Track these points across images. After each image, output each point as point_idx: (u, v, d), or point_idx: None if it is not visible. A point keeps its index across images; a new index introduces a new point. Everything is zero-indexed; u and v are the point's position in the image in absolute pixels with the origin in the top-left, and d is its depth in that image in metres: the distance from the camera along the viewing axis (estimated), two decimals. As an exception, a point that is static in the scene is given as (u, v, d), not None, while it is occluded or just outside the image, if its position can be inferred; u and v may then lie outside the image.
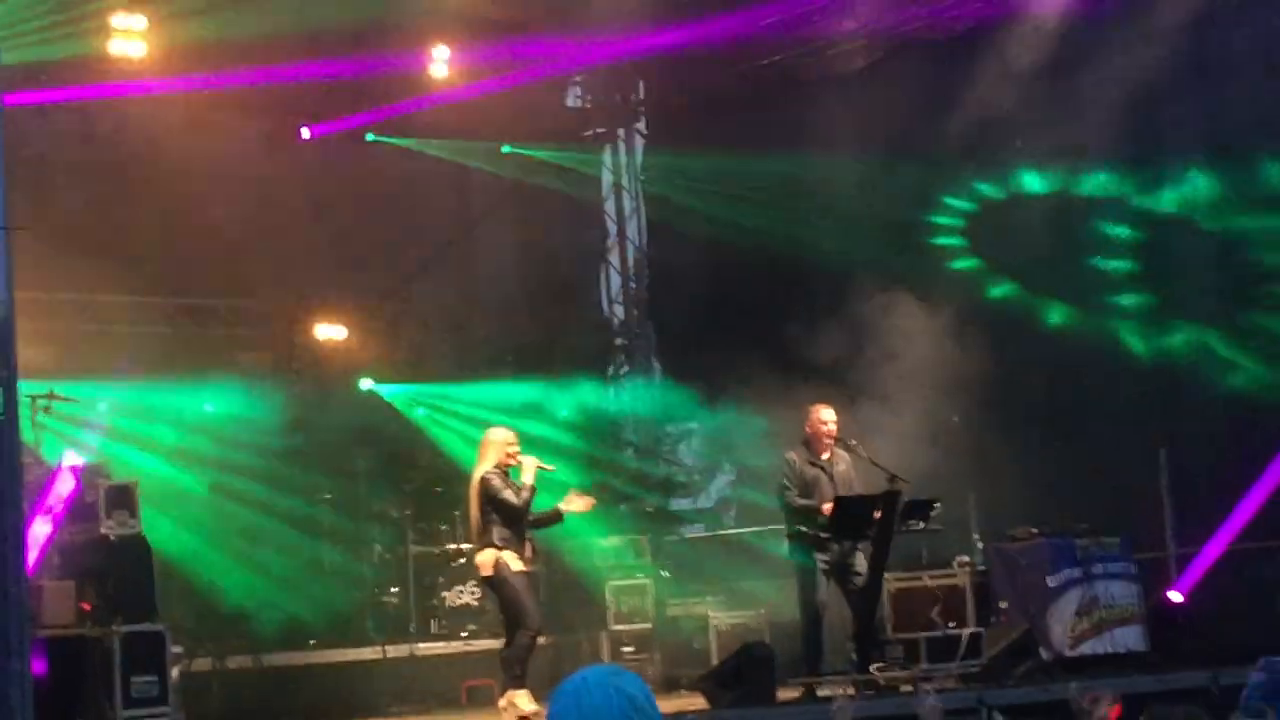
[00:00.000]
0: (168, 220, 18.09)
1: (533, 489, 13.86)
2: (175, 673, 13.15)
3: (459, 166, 20.64)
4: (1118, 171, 18.82)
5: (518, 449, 14.00)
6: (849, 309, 18.18)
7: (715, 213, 20.91)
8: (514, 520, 13.76)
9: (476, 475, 13.86)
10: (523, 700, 13.66)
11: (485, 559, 13.85)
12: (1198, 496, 17.65)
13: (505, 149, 21.22)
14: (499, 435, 14.09)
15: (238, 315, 19.32)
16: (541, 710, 13.41)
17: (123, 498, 13.25)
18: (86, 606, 12.86)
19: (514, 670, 13.86)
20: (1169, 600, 16.83)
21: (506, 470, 13.84)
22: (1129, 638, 15.69)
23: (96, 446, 15.58)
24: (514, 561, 13.72)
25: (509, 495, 13.71)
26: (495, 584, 14.03)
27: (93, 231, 17.52)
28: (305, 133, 19.55)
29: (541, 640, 14.18)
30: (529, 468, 13.89)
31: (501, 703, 13.79)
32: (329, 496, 18.22)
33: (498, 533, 13.72)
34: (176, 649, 13.48)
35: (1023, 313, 19.02)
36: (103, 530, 13.04)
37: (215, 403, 18.33)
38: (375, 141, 20.09)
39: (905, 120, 19.82)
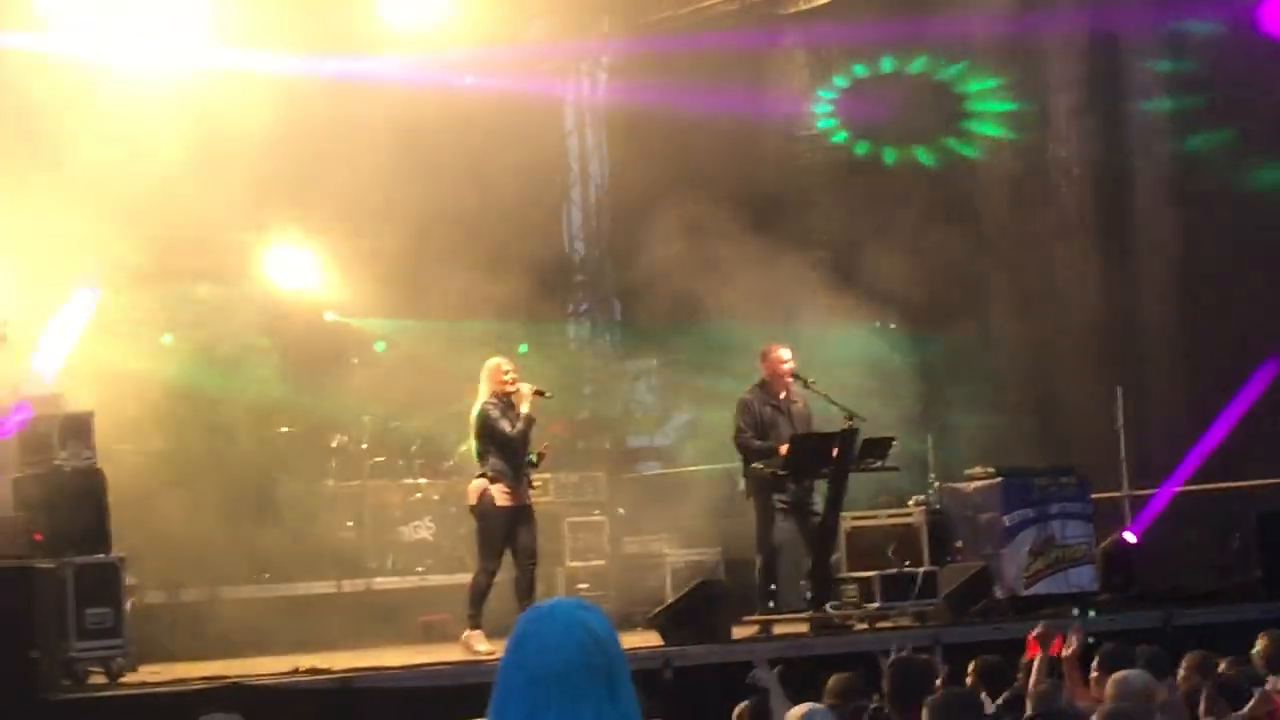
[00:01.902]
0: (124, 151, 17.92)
1: (530, 419, 13.91)
2: (129, 605, 13.10)
3: (416, 98, 20.50)
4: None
5: (514, 377, 14.04)
6: (806, 247, 18.21)
7: (677, 150, 20.84)
8: (509, 451, 13.83)
9: (476, 406, 13.94)
10: (477, 640, 13.69)
11: (473, 487, 14.01)
12: (1154, 437, 17.73)
13: (468, 80, 21.05)
14: (493, 365, 14.17)
15: (197, 243, 19.16)
16: (496, 649, 13.44)
17: (78, 429, 13.16)
18: (39, 538, 12.79)
19: (470, 609, 13.91)
20: (1123, 541, 16.92)
21: (508, 400, 13.89)
22: (1082, 578, 15.77)
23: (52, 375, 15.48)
24: (500, 495, 13.77)
25: (504, 426, 13.80)
26: (475, 514, 14.12)
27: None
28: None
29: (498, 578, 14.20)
30: (526, 396, 13.94)
31: (463, 639, 13.89)
32: (285, 429, 18.15)
33: (492, 464, 13.84)
34: (130, 581, 13.43)
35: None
36: (56, 462, 12.96)
37: (175, 335, 18.27)
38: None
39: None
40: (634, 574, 17.92)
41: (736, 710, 9.35)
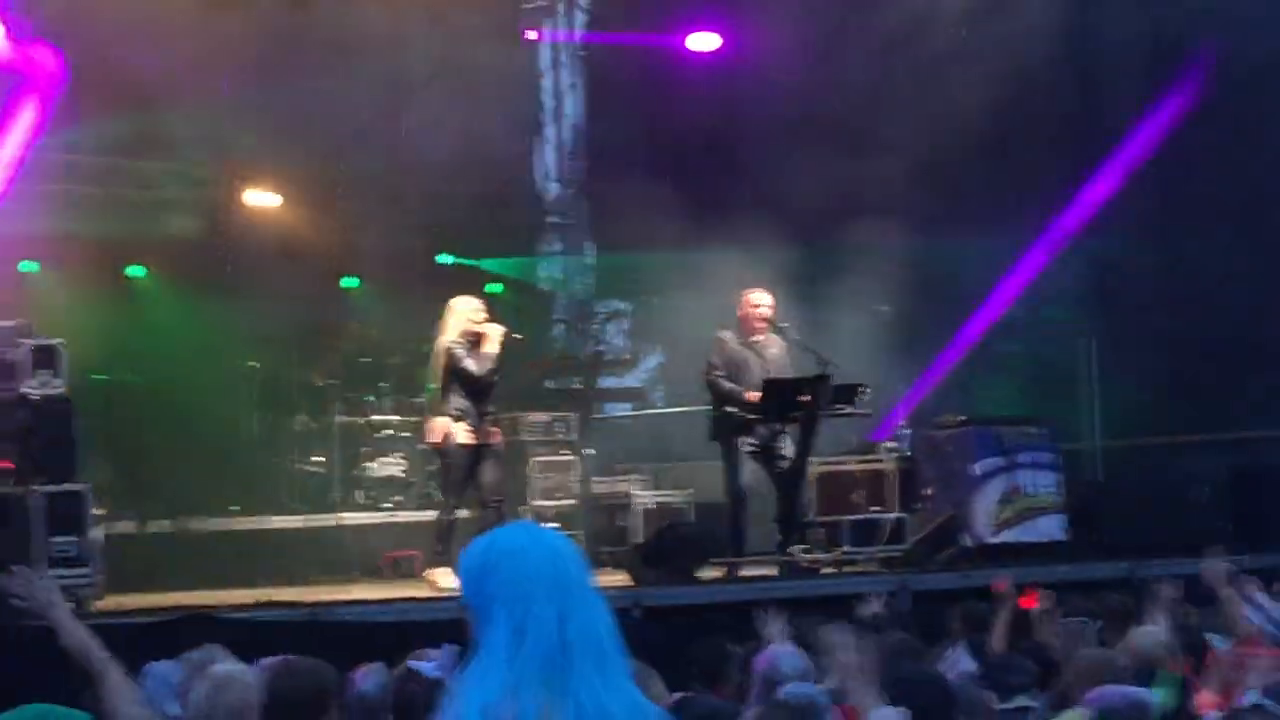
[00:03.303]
0: (99, 77, 17.81)
1: (497, 359, 13.82)
2: (96, 534, 13.06)
3: (394, 33, 20.38)
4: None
5: (483, 317, 13.96)
6: (786, 197, 18.14)
7: (656, 89, 20.77)
8: (474, 391, 13.76)
9: (441, 344, 13.85)
10: (442, 577, 13.69)
11: (435, 426, 13.92)
12: (1126, 388, 17.77)
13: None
14: (462, 304, 14.08)
15: (166, 178, 19.06)
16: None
17: (47, 357, 13.09)
18: (8, 465, 12.75)
19: (435, 546, 13.89)
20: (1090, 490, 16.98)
21: (474, 339, 13.80)
22: (1050, 526, 15.82)
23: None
24: (462, 434, 13.71)
25: (470, 365, 13.71)
26: (439, 453, 14.09)
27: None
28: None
29: (463, 514, 14.18)
30: (495, 337, 13.85)
31: (425, 575, 13.88)
32: (254, 364, 18.10)
33: (454, 402, 13.75)
34: (98, 511, 13.38)
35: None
36: (24, 390, 12.90)
37: (142, 267, 18.23)
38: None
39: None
40: (603, 514, 17.93)
41: (694, 649, 9.30)
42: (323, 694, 6.19)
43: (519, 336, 14.48)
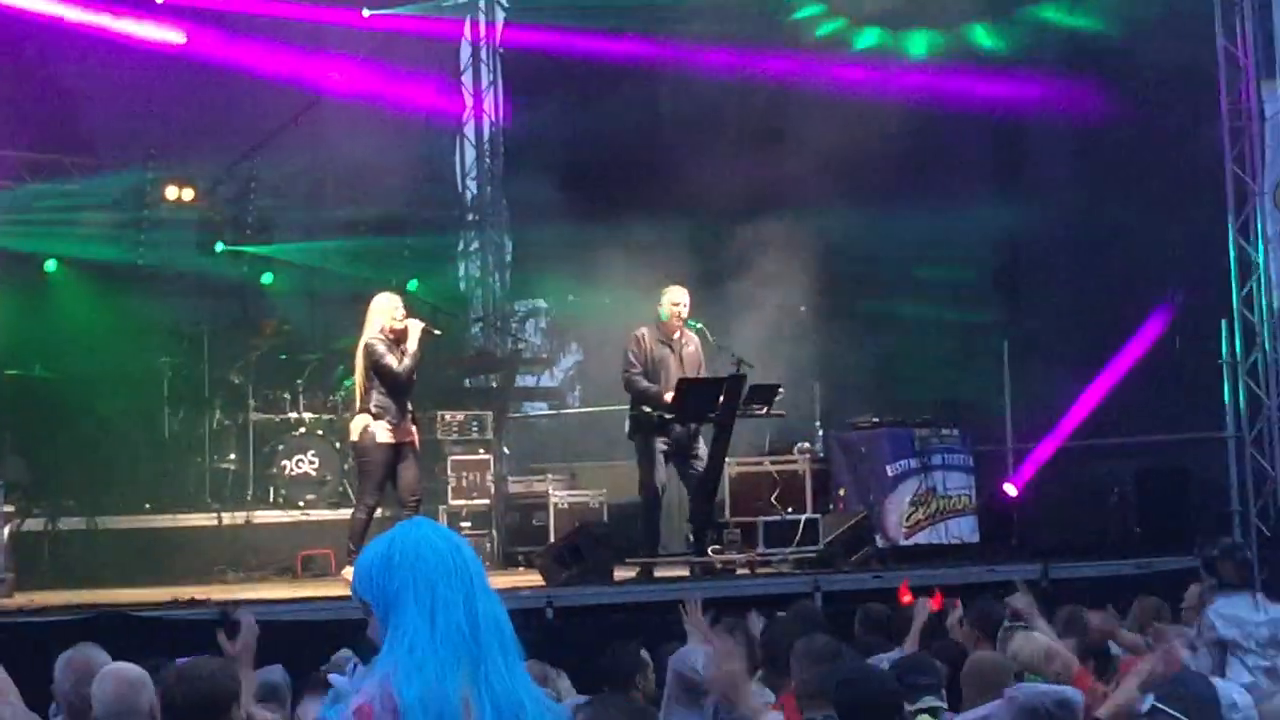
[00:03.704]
0: (13, 72, 17.70)
1: (417, 356, 13.75)
2: (6, 532, 12.96)
3: (315, 29, 20.31)
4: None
5: (403, 314, 13.89)
6: (703, 198, 18.19)
7: (575, 89, 20.75)
8: (395, 388, 13.67)
9: (361, 341, 13.78)
10: (355, 575, 13.65)
11: (356, 424, 13.84)
12: (1039, 392, 17.85)
13: (366, 12, 20.87)
14: (383, 301, 13.99)
15: (83, 171, 18.93)
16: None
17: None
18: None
19: (351, 544, 13.84)
20: (1002, 493, 17.09)
21: (395, 336, 13.73)
22: (962, 528, 15.92)
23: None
24: (382, 432, 13.62)
25: (390, 362, 13.62)
26: (356, 451, 14.04)
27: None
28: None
29: (380, 513, 14.13)
30: (414, 334, 13.78)
31: (342, 574, 13.82)
32: (167, 359, 17.97)
33: (375, 400, 13.65)
34: (8, 508, 13.28)
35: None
36: (-66, 388, 12.81)
37: (58, 261, 18.10)
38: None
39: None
40: (518, 513, 17.92)
41: (604, 660, 9.27)
42: (225, 695, 6.15)
43: (438, 333, 14.45)
